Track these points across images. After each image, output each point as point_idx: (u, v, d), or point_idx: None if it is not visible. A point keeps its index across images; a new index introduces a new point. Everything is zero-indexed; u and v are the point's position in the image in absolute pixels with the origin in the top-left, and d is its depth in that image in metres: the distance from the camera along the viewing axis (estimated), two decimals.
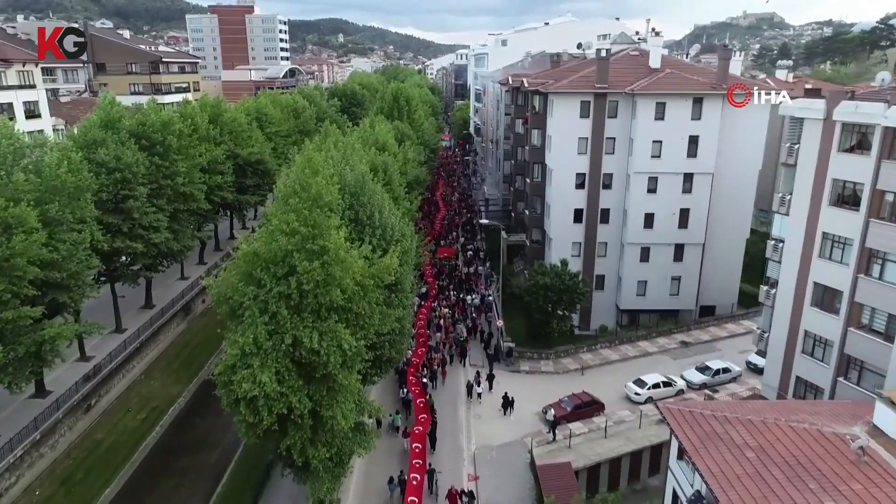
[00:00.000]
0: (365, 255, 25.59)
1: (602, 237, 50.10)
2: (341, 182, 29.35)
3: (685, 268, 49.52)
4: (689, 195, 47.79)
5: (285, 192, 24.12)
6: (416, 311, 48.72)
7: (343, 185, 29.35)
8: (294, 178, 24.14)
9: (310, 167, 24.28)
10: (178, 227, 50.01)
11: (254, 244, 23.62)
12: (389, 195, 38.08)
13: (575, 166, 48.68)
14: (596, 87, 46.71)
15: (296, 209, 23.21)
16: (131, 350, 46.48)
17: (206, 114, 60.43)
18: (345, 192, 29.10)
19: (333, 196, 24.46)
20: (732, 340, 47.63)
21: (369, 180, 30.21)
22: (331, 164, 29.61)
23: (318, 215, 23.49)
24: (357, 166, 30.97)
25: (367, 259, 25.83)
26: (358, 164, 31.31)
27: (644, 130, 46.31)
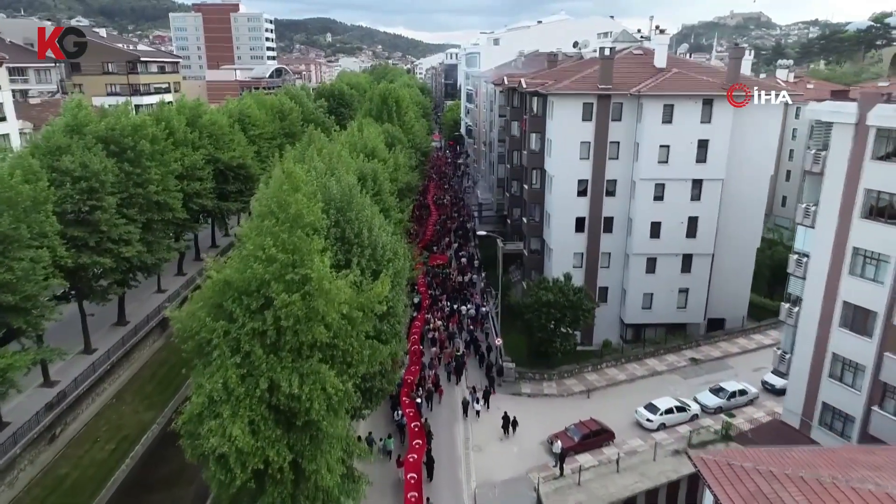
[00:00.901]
0: (353, 282, 22.42)
1: (605, 247, 47.24)
2: (326, 196, 26.20)
3: (693, 279, 46.78)
4: (697, 203, 45.03)
5: (260, 211, 20.90)
6: (408, 324, 45.69)
7: (328, 200, 26.21)
8: (271, 195, 20.94)
9: (289, 183, 21.09)
10: (151, 239, 46.58)
11: (224, 271, 20.39)
12: (379, 206, 34.98)
13: (577, 172, 45.77)
14: (599, 88, 43.82)
15: (273, 232, 20.02)
16: (101, 373, 43.01)
17: (183, 116, 56.91)
18: (330, 207, 25.96)
19: (316, 216, 21.30)
20: (745, 357, 44.93)
21: (357, 193, 27.09)
22: (314, 175, 26.41)
23: (299, 239, 20.33)
24: (343, 177, 27.82)
25: (355, 285, 22.70)
26: (344, 175, 28.14)
27: (650, 134, 43.50)
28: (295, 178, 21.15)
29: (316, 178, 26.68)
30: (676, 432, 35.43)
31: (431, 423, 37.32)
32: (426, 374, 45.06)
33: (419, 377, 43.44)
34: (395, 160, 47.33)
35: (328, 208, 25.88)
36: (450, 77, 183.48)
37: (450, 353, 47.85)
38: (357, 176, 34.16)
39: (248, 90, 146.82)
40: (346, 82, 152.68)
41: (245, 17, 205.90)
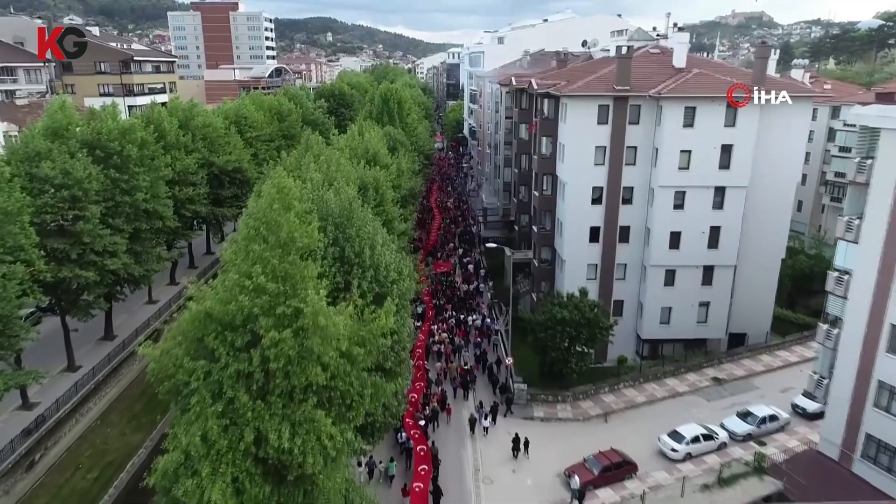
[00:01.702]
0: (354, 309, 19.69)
1: (621, 258, 44.54)
2: (323, 211, 23.50)
3: (715, 292, 44.05)
4: (720, 211, 42.32)
5: (247, 233, 18.19)
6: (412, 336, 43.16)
7: (325, 216, 23.51)
8: (260, 214, 18.23)
9: (280, 201, 18.37)
10: (140, 249, 43.88)
11: (206, 302, 17.68)
12: (382, 218, 32.28)
13: (591, 179, 43.06)
14: (616, 89, 41.10)
15: (261, 258, 17.32)
16: (85, 392, 40.34)
17: (175, 118, 54.23)
18: (328, 223, 23.25)
19: (312, 238, 18.57)
20: (771, 376, 42.21)
21: (358, 208, 24.40)
22: (310, 188, 23.69)
23: (292, 265, 17.64)
24: (343, 190, 25.12)
25: (356, 313, 19.99)
26: (344, 187, 25.42)
27: (671, 139, 40.79)
28: (287, 194, 18.42)
29: (312, 191, 23.96)
30: (704, 463, 32.74)
31: (438, 444, 34.86)
32: (432, 391, 42.51)
33: (424, 394, 40.94)
34: (397, 165, 44.62)
35: (326, 224, 23.18)
36: (452, 77, 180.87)
37: (456, 367, 45.34)
38: (358, 185, 31.49)
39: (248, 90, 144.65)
40: (347, 82, 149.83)
41: (244, 16, 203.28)
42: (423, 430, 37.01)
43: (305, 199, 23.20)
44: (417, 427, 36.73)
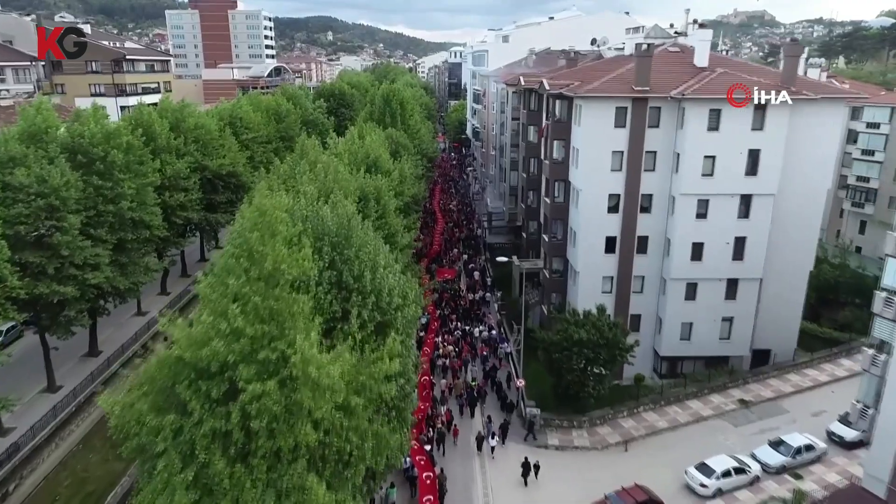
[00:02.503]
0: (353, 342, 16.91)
1: (639, 270, 41.75)
2: (318, 230, 20.71)
3: (739, 307, 41.26)
4: (745, 221, 39.53)
5: (226, 263, 15.41)
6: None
7: (321, 235, 20.71)
8: (240, 241, 15.45)
9: (264, 225, 15.58)
10: (125, 261, 41.13)
11: (175, 349, 14.91)
12: (384, 232, 29.47)
13: (607, 186, 40.28)
14: (635, 90, 38.29)
15: (241, 295, 14.55)
16: (65, 416, 37.59)
17: (166, 120, 51.43)
18: (324, 243, 20.45)
19: (303, 267, 15.79)
20: (801, 398, 39.38)
21: (358, 225, 21.60)
22: (303, 203, 20.86)
23: (278, 301, 14.87)
24: (340, 204, 22.31)
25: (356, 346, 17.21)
26: (342, 201, 22.60)
27: (694, 143, 37.99)
28: (270, 217, 15.62)
29: (306, 206, 21.16)
30: (736, 500, 29.93)
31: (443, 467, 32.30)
32: (437, 410, 39.81)
33: (428, 415, 38.25)
34: (400, 171, 41.80)
35: (321, 245, 20.38)
36: (453, 76, 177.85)
37: (463, 383, 42.69)
38: (357, 196, 28.68)
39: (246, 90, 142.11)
40: (347, 82, 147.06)
41: (243, 14, 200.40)
42: (428, 455, 34.41)
43: (298, 216, 20.39)
44: (423, 451, 34.09)
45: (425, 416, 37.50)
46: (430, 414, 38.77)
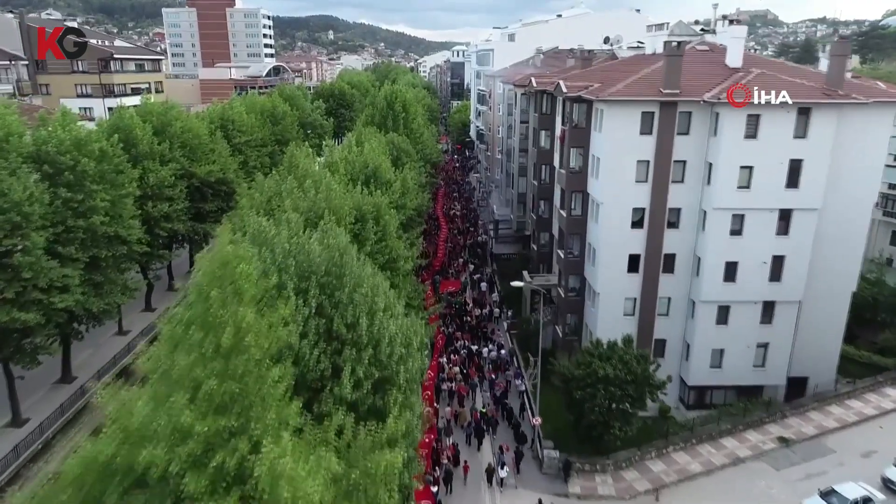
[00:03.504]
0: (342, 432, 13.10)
1: (665, 291, 37.95)
2: (304, 268, 16.91)
3: (775, 332, 37.47)
4: (784, 238, 35.69)
5: (173, 333, 11.61)
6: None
7: (307, 273, 16.91)
8: (194, 302, 11.66)
9: (226, 273, 11.78)
10: (100, 280, 37.35)
11: (104, 444, 11.12)
12: (384, 256, 25.65)
13: (631, 198, 36.49)
14: (663, 93, 34.46)
15: (190, 379, 10.74)
16: (29, 455, 33.79)
17: (149, 124, 47.65)
18: (310, 284, 16.65)
19: (278, 335, 11.97)
20: (846, 434, 35.55)
21: (352, 260, 17.79)
22: (285, 235, 17.01)
23: (243, 380, 11.06)
24: (332, 234, 18.48)
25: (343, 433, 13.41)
26: (333, 229, 18.72)
27: (729, 152, 34.17)
28: (233, 273, 11.82)
29: (290, 238, 17.34)
30: None
31: None
32: (442, 443, 36.11)
33: (434, 449, 34.55)
34: (402, 181, 37.95)
35: (307, 286, 16.58)
36: (456, 75, 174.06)
37: (470, 411, 39.05)
38: (354, 217, 24.86)
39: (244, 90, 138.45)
40: (348, 81, 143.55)
41: (242, 12, 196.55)
42: (434, 498, 30.82)
43: (279, 251, 16.59)
44: (429, 494, 30.44)
45: (430, 451, 33.86)
46: (435, 447, 35.14)
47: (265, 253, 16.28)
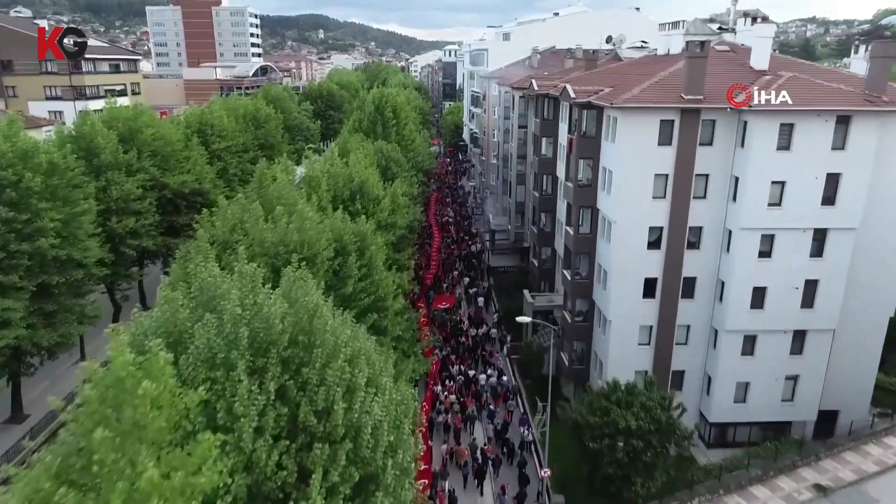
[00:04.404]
0: None
1: (684, 318, 34.19)
2: (263, 339, 12.89)
3: (806, 363, 33.82)
4: (819, 261, 32.01)
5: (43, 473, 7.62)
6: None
7: (265, 345, 12.90)
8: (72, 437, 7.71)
9: (120, 397, 7.78)
10: (52, 309, 33.22)
11: None
12: (371, 294, 21.63)
13: (647, 216, 32.69)
14: (685, 99, 30.68)
15: None
16: None
17: (114, 131, 43.40)
18: (269, 359, 12.66)
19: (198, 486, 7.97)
20: (888, 479, 31.82)
21: (326, 322, 13.70)
22: (236, 297, 12.95)
23: None
24: (300, 286, 14.43)
25: None
26: (301, 285, 14.56)
27: (759, 165, 30.44)
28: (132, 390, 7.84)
29: (245, 296, 13.32)
30: None
31: None
32: (438, 488, 32.24)
33: (430, 494, 30.66)
34: (391, 196, 33.94)
35: (265, 363, 12.59)
36: (448, 76, 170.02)
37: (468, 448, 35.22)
38: (334, 250, 20.85)
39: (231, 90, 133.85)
40: (337, 81, 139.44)
41: (228, 11, 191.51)
42: None
43: (229, 319, 12.59)
44: None
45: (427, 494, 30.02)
46: (431, 493, 31.28)
47: (210, 323, 12.25)
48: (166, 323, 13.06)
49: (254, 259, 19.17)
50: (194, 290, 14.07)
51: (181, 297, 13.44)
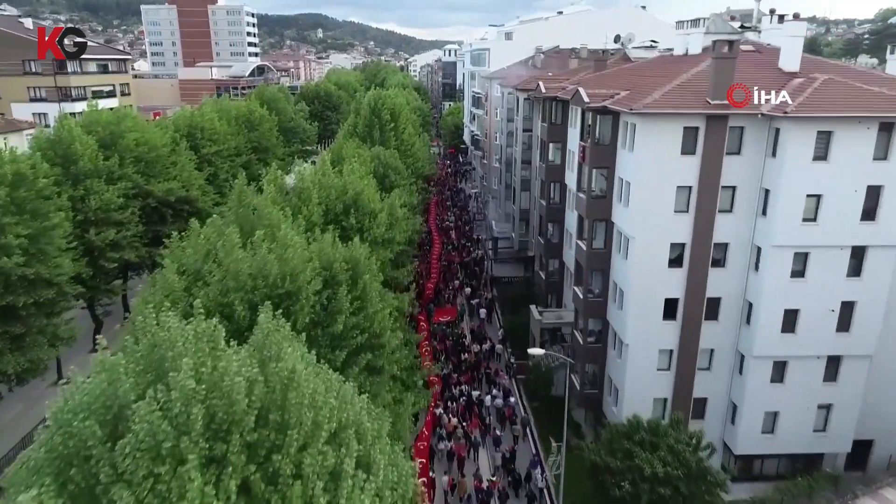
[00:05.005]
0: None
1: (707, 342, 31.48)
2: (221, 418, 10.11)
3: (841, 391, 31.11)
4: (856, 281, 29.29)
5: None
6: None
7: (224, 423, 10.14)
8: None
9: None
10: (19, 332, 30.45)
11: None
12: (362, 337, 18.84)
13: (669, 232, 29.98)
14: (711, 104, 27.93)
15: None
16: None
17: (93, 136, 40.62)
18: (230, 446, 9.91)
19: None
20: None
21: (305, 394, 10.90)
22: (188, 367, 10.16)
23: None
24: (273, 346, 11.66)
25: None
26: (275, 342, 11.76)
27: (793, 177, 27.71)
28: None
29: (197, 368, 10.53)
30: None
31: None
32: None
33: None
34: (389, 210, 31.16)
35: (225, 449, 9.82)
36: (448, 75, 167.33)
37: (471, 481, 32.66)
38: (323, 280, 18.07)
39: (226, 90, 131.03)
40: (335, 81, 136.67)
41: (224, 9, 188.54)
42: None
43: (180, 396, 9.83)
44: None
45: None
46: None
47: (154, 403, 9.52)
48: (102, 397, 10.31)
49: (227, 294, 16.43)
50: (142, 348, 11.32)
51: (123, 361, 10.66)
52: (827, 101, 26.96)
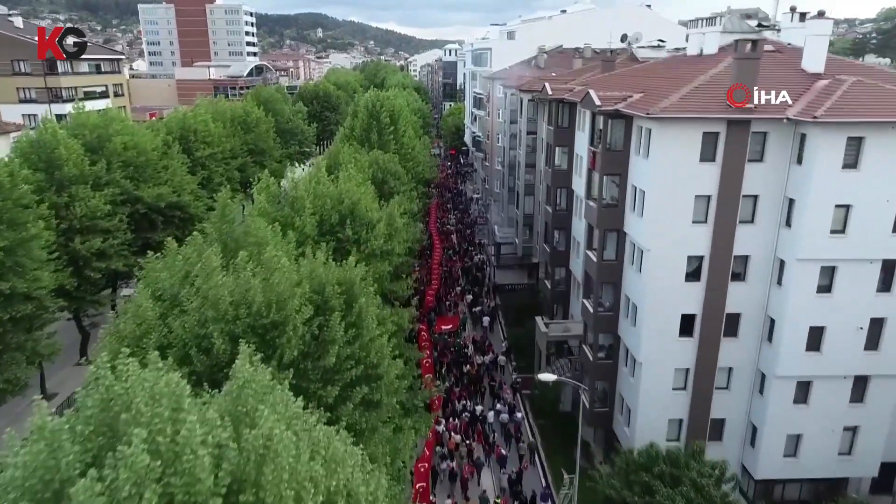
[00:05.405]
0: None
1: (726, 360, 29.64)
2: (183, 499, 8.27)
3: (868, 413, 29.27)
4: (887, 296, 27.46)
5: None
6: None
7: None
8: None
9: None
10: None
11: None
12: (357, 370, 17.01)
13: (686, 244, 28.15)
14: (733, 107, 26.08)
15: None
16: None
17: (78, 140, 38.80)
18: None
19: None
20: None
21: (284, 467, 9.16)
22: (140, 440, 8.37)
23: None
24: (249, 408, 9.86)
25: None
26: (255, 395, 10.01)
27: (820, 186, 25.86)
28: None
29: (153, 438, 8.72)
30: None
31: None
32: None
33: None
34: (387, 219, 29.32)
35: None
36: (448, 75, 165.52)
37: None
38: (313, 306, 16.23)
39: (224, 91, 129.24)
40: (334, 81, 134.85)
41: (222, 9, 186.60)
42: None
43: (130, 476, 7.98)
44: None
45: None
46: None
47: (93, 485, 7.69)
48: (40, 470, 8.48)
49: (205, 325, 14.59)
50: (91, 406, 9.49)
51: (66, 426, 8.84)
52: (857, 104, 25.10)
